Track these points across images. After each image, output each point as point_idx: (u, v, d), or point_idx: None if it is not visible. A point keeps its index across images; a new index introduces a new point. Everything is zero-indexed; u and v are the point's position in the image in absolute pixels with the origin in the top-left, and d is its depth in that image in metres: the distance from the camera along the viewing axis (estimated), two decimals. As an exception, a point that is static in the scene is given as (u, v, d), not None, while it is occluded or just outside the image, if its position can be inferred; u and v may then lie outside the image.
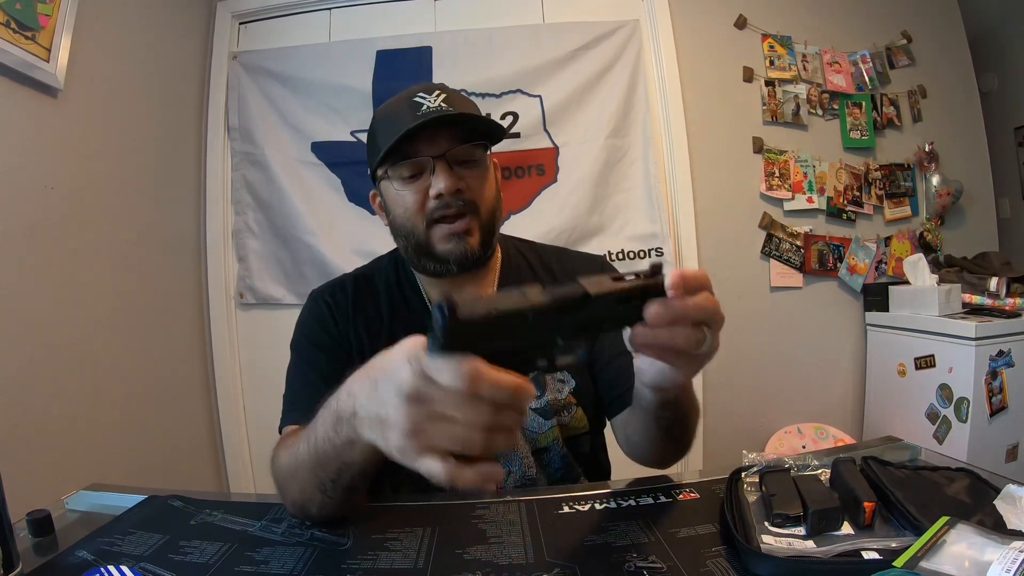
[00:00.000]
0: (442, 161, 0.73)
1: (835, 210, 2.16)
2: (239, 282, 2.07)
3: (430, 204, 0.74)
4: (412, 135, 0.72)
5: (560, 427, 0.81)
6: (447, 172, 0.73)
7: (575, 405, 0.82)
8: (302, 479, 0.59)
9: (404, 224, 0.77)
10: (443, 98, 0.75)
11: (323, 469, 0.56)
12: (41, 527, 0.63)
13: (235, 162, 2.06)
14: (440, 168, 0.73)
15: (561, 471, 0.82)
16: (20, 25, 1.30)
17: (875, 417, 2.14)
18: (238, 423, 2.07)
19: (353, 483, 0.57)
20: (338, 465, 0.54)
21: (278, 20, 2.13)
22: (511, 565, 0.54)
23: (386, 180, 0.78)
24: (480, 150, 0.77)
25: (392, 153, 0.74)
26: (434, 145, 0.74)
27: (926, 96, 2.25)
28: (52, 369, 1.37)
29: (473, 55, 2.03)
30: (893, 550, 0.50)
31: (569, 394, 0.82)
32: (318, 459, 0.55)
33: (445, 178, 0.73)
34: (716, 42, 2.13)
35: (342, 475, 0.55)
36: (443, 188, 0.73)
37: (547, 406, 0.80)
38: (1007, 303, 1.87)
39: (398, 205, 0.77)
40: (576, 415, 0.82)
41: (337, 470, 0.55)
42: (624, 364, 0.80)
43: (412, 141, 0.73)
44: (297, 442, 0.59)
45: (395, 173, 0.76)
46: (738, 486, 0.64)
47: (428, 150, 0.73)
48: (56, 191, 1.41)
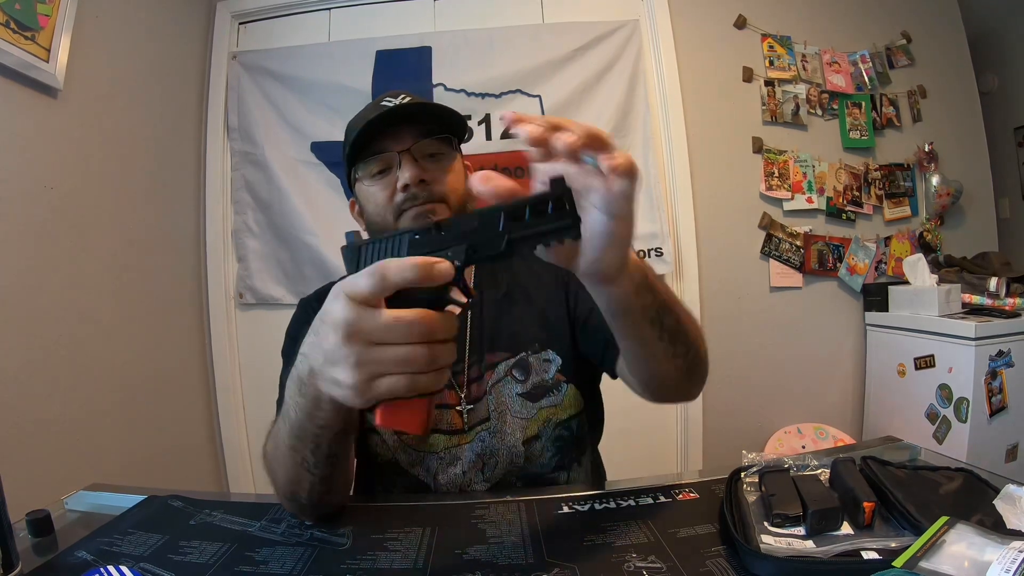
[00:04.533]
0: (407, 154, 0.75)
1: (835, 210, 2.16)
2: (239, 282, 2.07)
3: (398, 196, 0.76)
4: (377, 132, 0.75)
5: (551, 409, 0.79)
6: (411, 164, 0.75)
7: (565, 383, 0.81)
8: (286, 462, 0.60)
9: (376, 220, 0.78)
10: (407, 100, 0.78)
11: (302, 443, 0.57)
12: (41, 527, 0.63)
13: (235, 162, 2.07)
14: (405, 160, 0.75)
15: (556, 458, 0.80)
16: (20, 25, 1.30)
17: (875, 417, 2.14)
18: (238, 423, 2.07)
19: (332, 450, 0.58)
20: (313, 432, 0.55)
21: (278, 20, 2.13)
22: (511, 565, 0.54)
23: (359, 181, 0.80)
24: (445, 144, 0.79)
25: (360, 152, 0.77)
26: (399, 141, 0.76)
27: (926, 96, 2.25)
28: (52, 369, 1.37)
29: (473, 55, 2.03)
30: (893, 550, 0.50)
31: (557, 372, 0.81)
32: (295, 434, 0.56)
33: (409, 168, 0.75)
34: (716, 42, 2.13)
35: (320, 443, 0.56)
36: (408, 178, 0.74)
37: (534, 389, 0.79)
38: (1007, 303, 1.87)
39: (370, 202, 0.78)
40: (568, 394, 0.80)
41: (314, 438, 0.56)
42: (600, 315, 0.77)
43: (379, 139, 0.76)
44: (277, 427, 0.61)
45: (364, 171, 0.78)
46: (738, 486, 0.64)
47: (394, 145, 0.76)
48: (56, 191, 1.42)
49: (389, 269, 0.42)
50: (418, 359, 0.43)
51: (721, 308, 2.08)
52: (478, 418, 0.79)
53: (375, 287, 0.42)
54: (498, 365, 0.80)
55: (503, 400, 0.79)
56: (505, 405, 0.79)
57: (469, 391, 0.79)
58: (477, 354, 0.81)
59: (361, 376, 0.44)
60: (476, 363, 0.81)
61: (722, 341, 2.05)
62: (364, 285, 0.42)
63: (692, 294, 2.05)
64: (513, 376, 0.80)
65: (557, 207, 0.41)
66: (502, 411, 0.78)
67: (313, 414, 0.53)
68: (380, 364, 0.43)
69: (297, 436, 0.56)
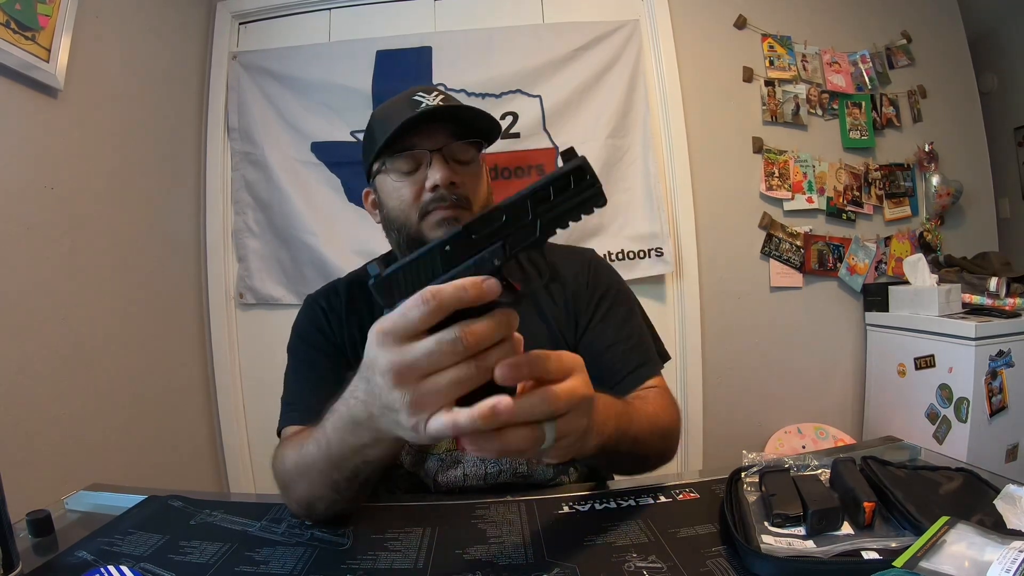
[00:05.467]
0: (439, 154, 0.75)
1: (835, 210, 2.16)
2: (239, 282, 2.07)
3: (425, 196, 0.75)
4: (411, 129, 0.74)
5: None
6: (443, 164, 0.75)
7: None
8: (313, 480, 0.59)
9: (398, 217, 0.78)
10: (441, 98, 0.77)
11: (338, 471, 0.56)
12: (41, 527, 0.63)
13: (235, 162, 2.06)
14: (437, 161, 0.75)
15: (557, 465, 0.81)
16: (20, 25, 1.30)
17: (875, 417, 2.14)
18: (238, 423, 2.06)
19: (370, 479, 0.58)
20: (355, 464, 0.55)
21: (278, 20, 2.13)
22: (511, 565, 0.54)
23: (382, 174, 0.79)
24: (475, 149, 0.79)
25: (390, 146, 0.76)
26: (431, 140, 0.76)
27: (926, 96, 2.25)
28: (52, 369, 1.37)
29: (473, 55, 2.03)
30: (893, 550, 0.50)
31: None
32: (332, 462, 0.55)
33: (441, 169, 0.74)
34: (716, 42, 2.13)
35: (359, 473, 0.56)
36: (439, 179, 0.74)
37: None
38: (1007, 303, 1.87)
39: (393, 198, 0.78)
40: None
41: (354, 469, 0.56)
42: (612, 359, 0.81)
43: (410, 136, 0.75)
44: (304, 443, 0.59)
45: (392, 166, 0.77)
46: (738, 486, 0.64)
47: (426, 144, 0.75)
48: (56, 191, 1.41)
49: (443, 296, 0.39)
50: (472, 374, 0.41)
51: (721, 308, 2.08)
52: None
53: (428, 316, 0.40)
54: None
55: None
56: None
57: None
58: None
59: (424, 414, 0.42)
60: None
61: (722, 341, 2.06)
62: (412, 317, 0.40)
63: (692, 294, 2.05)
64: None
65: (578, 179, 0.40)
66: None
67: (362, 452, 0.52)
68: (437, 395, 0.41)
69: (335, 466, 0.56)
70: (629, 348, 0.83)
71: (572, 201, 0.41)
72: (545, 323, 0.84)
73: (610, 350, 0.81)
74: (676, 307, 2.07)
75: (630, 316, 0.87)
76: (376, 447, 0.51)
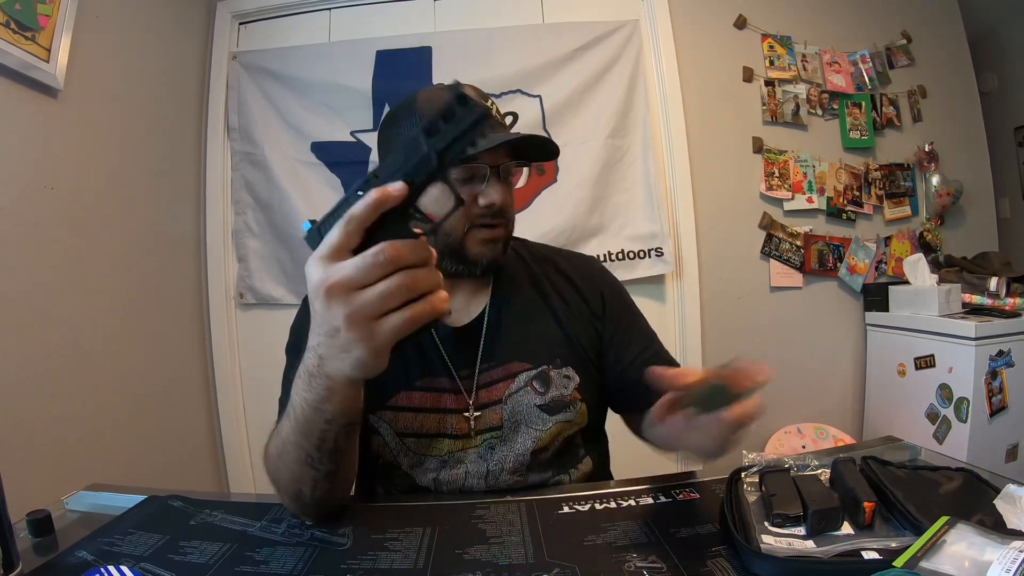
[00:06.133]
0: (496, 172, 0.76)
1: (835, 210, 2.16)
2: (239, 282, 2.07)
3: (476, 210, 0.76)
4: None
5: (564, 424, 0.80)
6: (499, 184, 0.76)
7: (580, 401, 0.82)
8: (290, 460, 0.60)
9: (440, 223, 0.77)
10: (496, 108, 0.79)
11: (307, 439, 0.58)
12: (41, 527, 0.63)
13: (235, 162, 2.06)
14: (494, 179, 0.76)
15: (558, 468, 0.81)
16: (20, 25, 1.30)
17: (875, 417, 2.14)
18: (238, 423, 2.07)
19: (337, 445, 0.59)
20: (320, 427, 0.56)
21: (278, 20, 2.13)
22: (511, 565, 0.54)
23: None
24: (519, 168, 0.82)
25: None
26: (492, 155, 0.76)
27: (926, 96, 2.25)
28: (52, 369, 1.37)
29: (473, 55, 2.03)
30: (893, 550, 0.50)
31: (575, 390, 0.81)
32: (300, 430, 0.57)
33: (499, 191, 0.76)
34: (716, 42, 2.13)
35: (325, 438, 0.57)
36: (496, 200, 0.75)
37: (552, 402, 0.80)
38: (1007, 303, 1.87)
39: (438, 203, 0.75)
40: (579, 410, 0.82)
41: (320, 434, 0.57)
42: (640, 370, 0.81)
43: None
44: (280, 425, 0.62)
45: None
46: (738, 486, 0.64)
47: (486, 158, 0.75)
48: (56, 191, 1.41)
49: (353, 210, 0.45)
50: (399, 287, 0.45)
51: (721, 308, 2.08)
52: (487, 425, 0.78)
53: (344, 233, 0.45)
54: (519, 375, 0.80)
55: (519, 410, 0.79)
56: (521, 415, 0.79)
57: (477, 396, 0.79)
58: (490, 361, 0.81)
59: (358, 328, 0.45)
60: (487, 370, 0.80)
61: (722, 341, 2.05)
62: (334, 236, 0.45)
63: (692, 294, 2.05)
64: (533, 387, 0.80)
65: (461, 105, 0.43)
66: (516, 421, 0.78)
67: (321, 408, 0.54)
68: (367, 306, 0.45)
69: (303, 433, 0.57)
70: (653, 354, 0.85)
71: (460, 127, 0.43)
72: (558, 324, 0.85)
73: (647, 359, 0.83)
74: (676, 307, 2.07)
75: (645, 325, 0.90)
76: (331, 401, 0.54)
